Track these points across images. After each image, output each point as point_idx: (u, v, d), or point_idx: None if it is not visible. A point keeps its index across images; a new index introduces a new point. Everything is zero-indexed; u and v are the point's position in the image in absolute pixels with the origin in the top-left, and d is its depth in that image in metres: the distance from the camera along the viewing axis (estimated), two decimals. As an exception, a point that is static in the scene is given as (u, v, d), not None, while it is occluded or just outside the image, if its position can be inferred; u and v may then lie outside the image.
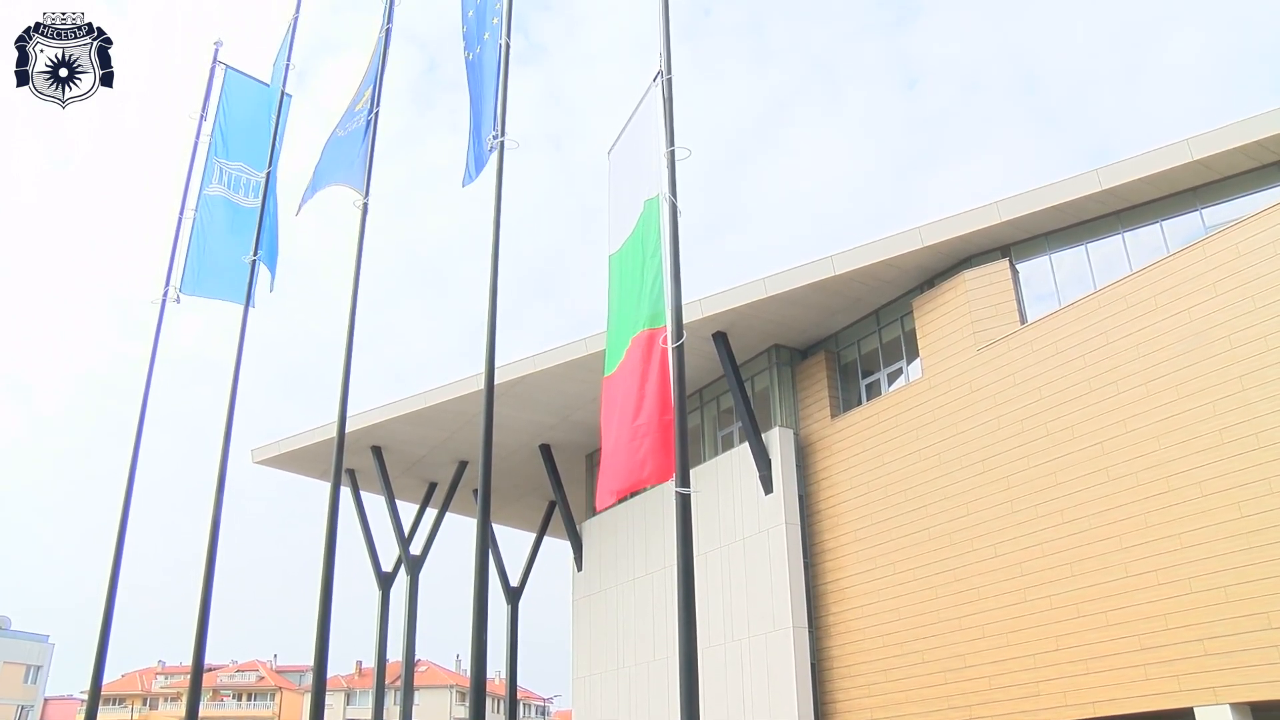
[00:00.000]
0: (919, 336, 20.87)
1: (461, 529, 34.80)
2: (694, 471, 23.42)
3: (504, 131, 11.03)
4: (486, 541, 9.58)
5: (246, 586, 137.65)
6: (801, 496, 22.48)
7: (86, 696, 14.91)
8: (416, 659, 32.72)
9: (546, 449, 29.04)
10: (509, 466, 29.97)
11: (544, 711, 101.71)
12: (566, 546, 29.89)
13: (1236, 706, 14.22)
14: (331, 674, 57.57)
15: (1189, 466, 15.39)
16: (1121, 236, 18.29)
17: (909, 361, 21.46)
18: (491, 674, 53.70)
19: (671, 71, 9.54)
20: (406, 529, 30.29)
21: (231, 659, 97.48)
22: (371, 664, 33.50)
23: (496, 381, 10.42)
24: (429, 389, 26.50)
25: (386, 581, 29.92)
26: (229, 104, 17.16)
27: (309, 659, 39.42)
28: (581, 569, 29.04)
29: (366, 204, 13.09)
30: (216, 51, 17.58)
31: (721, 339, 23.02)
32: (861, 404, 22.16)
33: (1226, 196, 17.00)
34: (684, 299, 8.68)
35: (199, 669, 12.91)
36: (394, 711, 56.47)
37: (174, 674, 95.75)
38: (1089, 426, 16.99)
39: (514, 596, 32.51)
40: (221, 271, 16.00)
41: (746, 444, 22.87)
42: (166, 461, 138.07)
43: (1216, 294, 15.70)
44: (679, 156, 9.08)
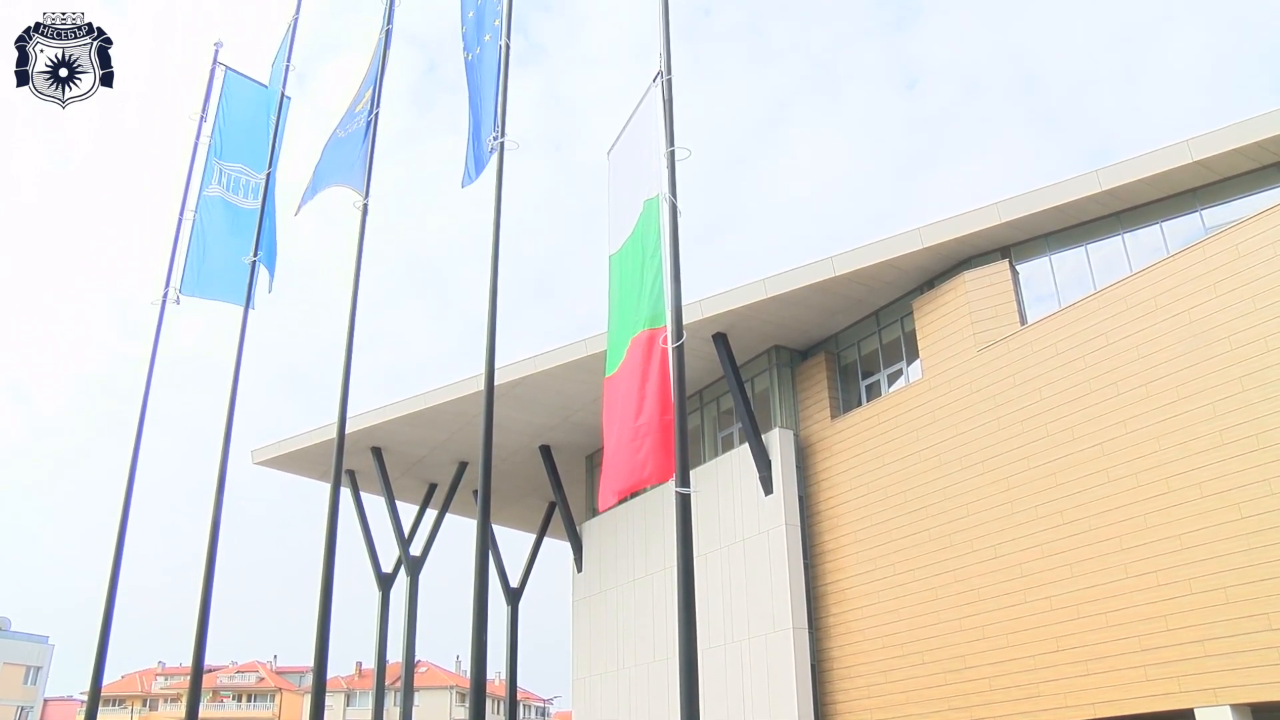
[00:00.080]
0: (919, 337, 20.87)
1: (461, 530, 34.81)
2: (694, 472, 23.42)
3: (504, 132, 11.04)
4: (486, 542, 9.58)
5: (246, 587, 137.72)
6: (801, 497, 22.48)
7: (86, 697, 14.90)
8: (416, 660, 32.74)
9: (546, 450, 29.04)
10: (509, 467, 29.98)
11: (544, 713, 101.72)
12: (566, 547, 29.90)
13: (1237, 707, 14.22)
14: (331, 675, 57.59)
15: (1189, 467, 15.39)
16: (1121, 237, 18.29)
17: (909, 362, 21.46)
18: (491, 675, 53.73)
19: (671, 72, 9.54)
20: (406, 530, 30.31)
21: (231, 660, 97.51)
22: (371, 665, 33.53)
23: (496, 382, 10.42)
24: (429, 390, 26.52)
25: (386, 582, 29.93)
26: (229, 105, 17.18)
27: (309, 660, 39.49)
28: (581, 570, 29.04)
29: (366, 205, 13.11)
30: (216, 53, 17.58)
31: (721, 340, 23.02)
32: (862, 405, 22.16)
33: (1226, 197, 17.00)
34: (684, 299, 8.68)
35: (199, 670, 12.92)
36: (394, 712, 56.54)
37: (174, 675, 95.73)
38: (1089, 427, 16.99)
39: (514, 597, 32.52)
40: (221, 273, 16.03)
41: (746, 445, 22.87)
42: (166, 462, 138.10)
43: (1216, 295, 15.70)
44: (679, 157, 9.09)
